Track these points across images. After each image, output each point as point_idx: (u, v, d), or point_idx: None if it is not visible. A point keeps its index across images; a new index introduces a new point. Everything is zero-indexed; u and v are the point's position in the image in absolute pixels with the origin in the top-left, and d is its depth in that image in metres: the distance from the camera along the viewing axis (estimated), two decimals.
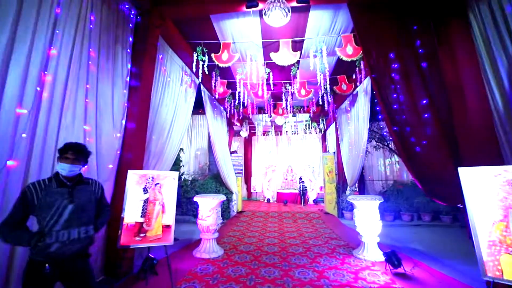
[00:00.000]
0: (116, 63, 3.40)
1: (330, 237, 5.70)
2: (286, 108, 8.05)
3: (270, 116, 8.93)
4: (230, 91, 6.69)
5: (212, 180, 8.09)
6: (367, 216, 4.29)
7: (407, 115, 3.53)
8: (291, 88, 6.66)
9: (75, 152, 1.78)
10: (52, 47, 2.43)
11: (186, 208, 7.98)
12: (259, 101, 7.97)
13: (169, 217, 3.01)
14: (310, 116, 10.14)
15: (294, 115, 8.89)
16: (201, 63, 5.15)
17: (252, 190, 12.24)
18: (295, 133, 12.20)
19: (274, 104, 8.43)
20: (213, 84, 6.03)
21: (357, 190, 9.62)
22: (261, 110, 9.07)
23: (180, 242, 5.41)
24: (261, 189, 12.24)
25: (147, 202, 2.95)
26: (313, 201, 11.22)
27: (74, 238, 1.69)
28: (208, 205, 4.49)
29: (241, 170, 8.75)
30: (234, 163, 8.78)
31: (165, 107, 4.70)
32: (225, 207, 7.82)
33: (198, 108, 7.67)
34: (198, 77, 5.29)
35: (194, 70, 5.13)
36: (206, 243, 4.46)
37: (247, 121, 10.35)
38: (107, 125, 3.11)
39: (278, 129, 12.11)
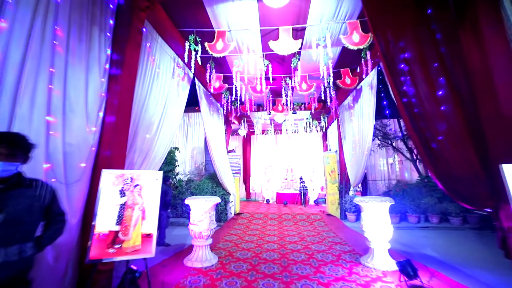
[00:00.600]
0: (92, 47, 2.94)
1: (334, 242, 5.24)
2: (286, 105, 7.60)
3: (269, 114, 8.48)
4: (226, 85, 6.23)
5: (208, 180, 7.63)
6: (376, 220, 3.84)
7: (426, 107, 3.07)
8: (291, 82, 6.20)
9: (9, 145, 1.33)
10: (1, 19, 1.98)
11: (181, 210, 7.52)
12: (258, 97, 7.51)
13: (150, 225, 2.54)
14: (311, 114, 9.69)
15: (294, 112, 8.44)
16: (193, 53, 4.69)
17: (251, 191, 11.79)
18: (295, 132, 11.75)
19: (273, 101, 7.98)
20: (207, 77, 5.56)
21: (360, 190, 9.17)
22: (259, 107, 8.62)
23: (171, 248, 4.95)
24: (260, 189, 11.78)
25: (124, 207, 2.49)
26: (314, 201, 10.76)
27: (1, 262, 1.23)
28: (200, 208, 4.03)
29: (239, 170, 8.30)
30: (231, 162, 8.33)
31: (154, 100, 4.24)
32: (222, 209, 7.36)
33: (194, 105, 7.22)
34: (190, 69, 4.83)
35: (186, 60, 4.67)
36: (199, 251, 4.00)
37: (245, 119, 9.89)
38: (78, 117, 2.65)
39: (278, 128, 11.66)
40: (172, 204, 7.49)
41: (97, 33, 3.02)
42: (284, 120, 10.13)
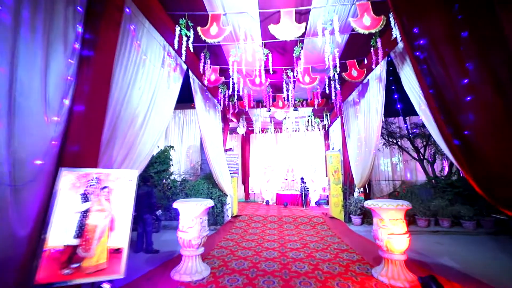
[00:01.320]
0: (56, 21, 2.42)
1: (340, 249, 4.72)
2: (287, 100, 7.08)
3: (269, 110, 7.96)
4: (222, 78, 5.71)
5: (204, 180, 7.10)
6: (392, 227, 3.32)
7: (459, 96, 2.55)
8: (293, 75, 5.69)
9: None
10: None
11: (175, 212, 6.98)
12: (257, 92, 6.99)
13: (121, 237, 2.02)
14: (313, 111, 9.18)
15: (295, 109, 7.92)
16: (184, 39, 4.17)
17: (250, 192, 11.26)
18: (296, 130, 11.22)
19: (273, 97, 7.46)
20: (201, 67, 5.03)
21: (362, 192, 8.63)
22: (259, 103, 8.10)
23: (160, 256, 4.43)
24: (260, 190, 11.25)
25: (87, 215, 1.96)
26: (316, 203, 10.23)
27: None
28: (190, 213, 3.51)
29: (237, 169, 7.78)
30: (229, 162, 7.81)
31: (139, 90, 3.72)
32: (219, 211, 6.84)
33: (190, 101, 6.68)
34: (181, 56, 4.32)
35: (176, 47, 4.15)
36: (188, 261, 3.47)
37: (244, 116, 9.38)
38: (33, 104, 2.13)
39: (278, 126, 11.14)
40: (165, 206, 6.98)
41: (63, 4, 2.50)
42: (285, 118, 9.61)
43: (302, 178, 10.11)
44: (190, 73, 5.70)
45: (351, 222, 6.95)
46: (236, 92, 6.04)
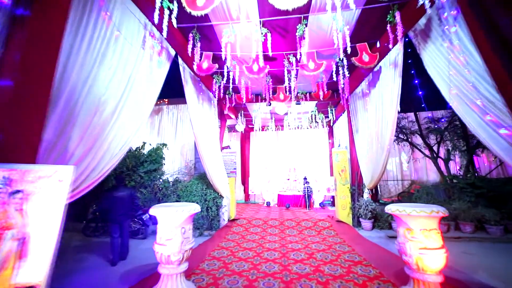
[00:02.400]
0: None
1: (352, 261, 3.97)
2: (289, 92, 6.35)
3: (269, 104, 7.23)
4: (216, 66, 4.99)
5: (197, 181, 6.38)
6: (423, 239, 2.57)
7: None
8: (296, 60, 4.96)
9: None
10: None
11: None
12: (255, 82, 6.28)
13: (37, 268, 1.30)
14: (316, 106, 8.42)
15: (298, 103, 7.18)
16: (166, 12, 3.47)
17: (250, 192, 10.53)
18: (298, 128, 10.48)
19: (273, 89, 6.72)
20: (189, 49, 4.32)
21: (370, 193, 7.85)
22: (258, 97, 7.37)
23: (138, 270, 3.71)
24: (260, 191, 10.52)
25: None
26: (320, 204, 9.48)
27: None
28: (170, 222, 2.79)
29: (235, 169, 7.06)
30: (226, 160, 7.09)
31: (108, 70, 3.02)
32: (214, 215, 6.11)
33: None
34: (161, 32, 3.61)
35: (156, 21, 3.45)
36: (167, 282, 2.76)
37: (242, 112, 8.66)
38: None
39: (279, 123, 10.41)
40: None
41: None
42: (286, 114, 8.87)
43: (305, 178, 9.37)
44: (180, 60, 5.01)
45: (361, 227, 6.19)
46: (231, 83, 5.32)
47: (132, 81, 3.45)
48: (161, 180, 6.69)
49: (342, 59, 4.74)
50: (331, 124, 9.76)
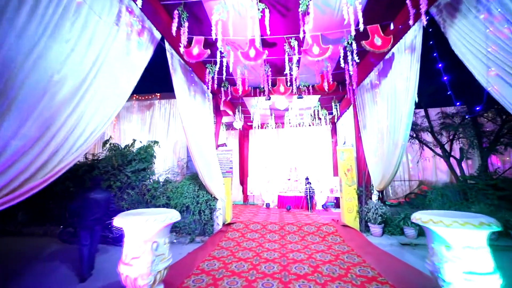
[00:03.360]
0: None
1: (365, 276, 3.32)
2: (290, 85, 5.72)
3: (269, 98, 6.60)
4: (208, 52, 4.36)
5: (189, 181, 5.75)
6: (468, 259, 1.92)
7: None
8: (298, 45, 4.32)
9: None
10: None
11: None
12: (253, 74, 5.65)
13: None
14: (319, 101, 7.77)
15: (300, 97, 6.53)
16: None
17: (248, 193, 9.89)
18: (300, 125, 9.83)
19: (273, 81, 6.08)
20: (173, 28, 3.69)
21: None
22: (256, 91, 6.72)
23: None
24: (259, 192, 9.87)
25: None
26: (322, 206, 8.82)
27: None
28: (137, 235, 2.15)
29: (231, 168, 6.42)
30: (221, 159, 6.45)
31: (65, 44, 2.39)
32: (207, 219, 5.48)
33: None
34: (143, 10, 2.99)
35: None
36: None
37: (240, 108, 8.01)
38: None
39: (280, 120, 9.76)
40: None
41: None
42: (287, 109, 8.22)
43: (307, 178, 8.72)
44: (167, 45, 4.38)
45: (369, 232, 5.54)
46: (226, 72, 4.67)
47: (102, 61, 2.83)
48: (150, 180, 6.06)
49: (351, 42, 4.11)
50: (335, 121, 9.08)
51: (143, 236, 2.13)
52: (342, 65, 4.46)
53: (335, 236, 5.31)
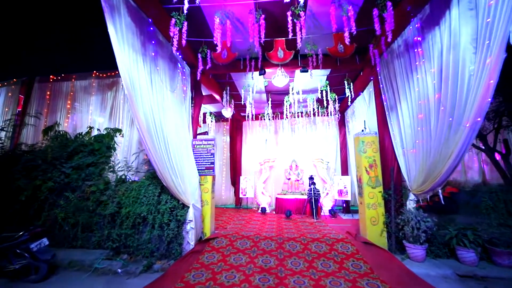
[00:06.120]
0: None
1: None
2: (293, 48, 3.98)
3: (264, 72, 4.86)
4: None
5: (149, 181, 4.00)
6: None
7: None
8: None
9: None
10: None
11: (100, 235, 3.89)
12: (240, 34, 3.92)
13: None
14: (328, 79, 6.02)
15: (304, 70, 4.80)
16: None
17: (241, 195, 8.13)
18: (302, 114, 8.07)
19: (269, 44, 4.34)
20: None
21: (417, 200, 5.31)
22: (246, 62, 4.94)
23: None
24: (254, 193, 8.12)
25: None
26: (329, 211, 7.06)
27: None
28: None
29: (212, 164, 4.65)
30: (200, 151, 4.71)
31: None
32: (173, 235, 3.72)
33: None
34: None
35: None
36: None
37: (228, 89, 6.24)
38: None
39: (278, 109, 8.01)
40: (84, 224, 3.90)
41: None
42: (287, 93, 6.47)
43: (311, 178, 6.96)
44: None
45: (405, 253, 3.78)
46: (202, 30, 2.93)
47: None
48: (101, 179, 4.30)
49: None
50: (348, 103, 7.03)
51: None
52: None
53: (357, 261, 3.55)
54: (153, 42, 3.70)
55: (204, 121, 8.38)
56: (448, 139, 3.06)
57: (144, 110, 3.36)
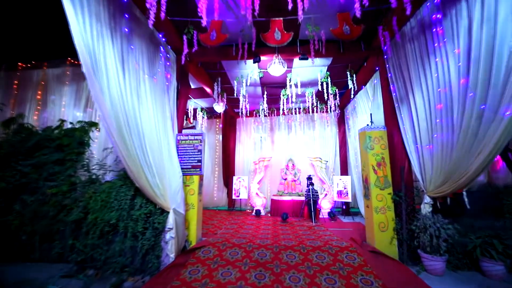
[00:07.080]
0: None
1: None
2: (291, 30, 3.41)
3: (258, 60, 4.29)
4: None
5: (121, 182, 3.35)
6: None
7: None
8: None
9: None
10: None
11: (62, 246, 3.23)
12: (231, 13, 3.33)
13: None
14: (329, 69, 5.47)
15: (303, 57, 4.25)
16: None
17: (234, 196, 7.52)
18: (299, 111, 7.52)
19: (264, 25, 3.76)
20: None
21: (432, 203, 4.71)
22: (239, 48, 4.33)
23: None
24: (248, 194, 7.53)
25: None
26: (328, 214, 6.51)
27: None
28: None
29: (199, 162, 4.05)
30: (185, 148, 4.10)
31: None
32: (149, 246, 3.09)
33: None
34: None
35: None
36: None
37: (219, 80, 5.63)
38: None
39: (274, 104, 7.44)
40: (44, 233, 3.24)
41: None
42: (284, 87, 5.91)
43: (309, 178, 6.41)
44: None
45: (421, 266, 3.24)
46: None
47: None
48: (67, 180, 3.63)
49: None
50: (352, 95, 6.39)
51: None
52: None
53: (366, 276, 2.99)
54: (126, 16, 3.08)
55: (195, 117, 7.74)
56: (478, 132, 2.53)
57: (111, 96, 2.73)
